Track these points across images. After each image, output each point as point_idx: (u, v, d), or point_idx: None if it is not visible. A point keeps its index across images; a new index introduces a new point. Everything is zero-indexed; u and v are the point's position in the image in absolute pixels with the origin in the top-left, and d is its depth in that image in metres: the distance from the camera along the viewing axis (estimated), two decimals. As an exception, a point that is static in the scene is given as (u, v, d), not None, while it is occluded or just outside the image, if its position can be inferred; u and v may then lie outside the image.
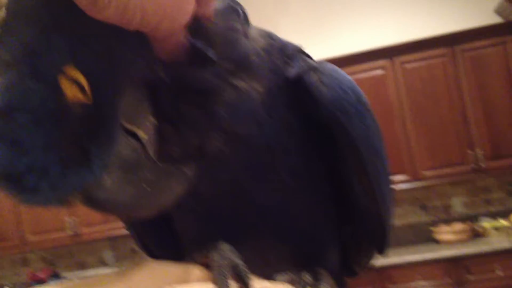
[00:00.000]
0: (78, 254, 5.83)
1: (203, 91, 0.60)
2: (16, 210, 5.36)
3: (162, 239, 0.86)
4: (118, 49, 0.49)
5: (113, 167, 0.50)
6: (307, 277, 0.66)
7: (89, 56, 0.47)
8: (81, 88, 0.47)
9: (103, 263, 5.72)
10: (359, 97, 0.70)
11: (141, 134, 0.54)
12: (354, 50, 4.87)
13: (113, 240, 5.73)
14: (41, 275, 5.50)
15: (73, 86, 0.46)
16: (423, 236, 5.04)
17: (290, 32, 4.68)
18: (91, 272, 5.62)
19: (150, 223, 0.83)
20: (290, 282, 0.65)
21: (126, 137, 0.52)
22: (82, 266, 5.81)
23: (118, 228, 5.28)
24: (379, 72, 4.84)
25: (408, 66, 4.84)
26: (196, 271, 0.61)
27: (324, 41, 5.15)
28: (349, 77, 0.72)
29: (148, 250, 0.90)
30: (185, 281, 0.58)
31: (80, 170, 0.46)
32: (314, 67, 0.69)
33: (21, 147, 0.43)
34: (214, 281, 0.57)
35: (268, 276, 0.63)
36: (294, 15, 5.31)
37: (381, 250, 0.81)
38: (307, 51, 0.75)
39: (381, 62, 4.84)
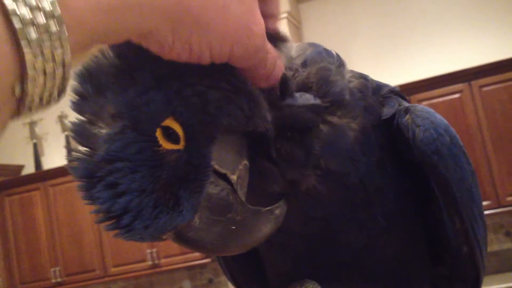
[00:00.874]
0: (157, 284, 5.93)
1: (301, 128, 0.63)
2: (99, 243, 5.53)
3: (251, 273, 0.87)
4: (213, 100, 0.54)
5: (202, 209, 0.54)
6: None
7: (185, 108, 0.52)
8: (176, 138, 0.52)
9: (181, 293, 5.80)
10: (453, 139, 0.69)
11: (231, 177, 0.57)
12: (430, 75, 4.80)
13: (191, 270, 5.80)
14: (123, 305, 5.63)
15: (169, 137, 0.51)
16: (508, 264, 4.84)
17: (362, 57, 4.67)
18: (170, 302, 5.70)
19: (241, 256, 0.84)
20: None
21: (217, 180, 0.56)
22: (162, 296, 5.91)
23: (196, 258, 5.36)
24: (456, 96, 4.74)
25: (486, 89, 4.72)
26: None
27: (399, 66, 5.10)
28: (443, 119, 0.71)
29: (236, 283, 0.91)
30: None
31: (171, 213, 0.51)
32: (407, 108, 0.69)
33: (119, 190, 0.48)
34: None
35: None
36: (366, 39, 5.29)
37: None
38: (381, 76, 0.75)
39: (458, 86, 4.75)
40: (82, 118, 0.51)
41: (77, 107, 0.51)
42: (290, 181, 0.64)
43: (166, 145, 0.51)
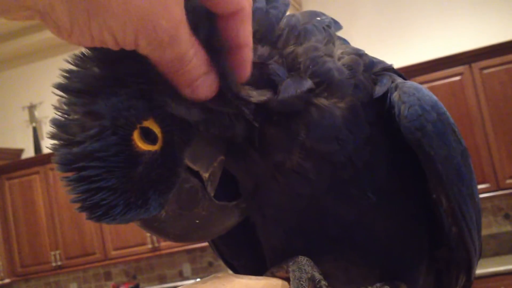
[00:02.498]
0: (158, 267, 5.97)
1: (287, 113, 0.62)
2: (99, 226, 5.55)
3: (239, 249, 0.87)
4: (194, 115, 0.55)
5: (170, 203, 0.57)
6: None
7: (166, 116, 0.54)
8: (154, 139, 0.54)
9: (181, 276, 5.83)
10: (441, 116, 0.68)
11: (203, 174, 0.59)
12: (430, 57, 4.78)
13: (191, 253, 5.84)
14: (123, 288, 5.68)
15: (147, 137, 0.54)
16: (507, 246, 4.87)
17: (362, 39, 4.65)
18: (170, 285, 5.74)
19: (227, 233, 0.85)
20: None
21: (189, 176, 0.58)
22: (162, 279, 5.95)
23: (186, 243, 5.37)
24: (457, 78, 4.73)
25: (487, 71, 4.70)
26: (272, 284, 0.63)
27: (399, 48, 5.08)
28: (433, 96, 0.70)
29: (224, 259, 0.91)
30: None
31: (139, 210, 0.54)
32: (396, 85, 0.68)
33: (92, 186, 0.52)
34: None
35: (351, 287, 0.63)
36: (366, 22, 5.27)
37: (469, 276, 0.79)
38: (381, 59, 0.74)
39: (459, 69, 4.73)
40: (65, 112, 0.53)
41: (63, 101, 0.53)
42: (274, 162, 0.64)
43: (143, 145, 0.54)
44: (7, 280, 5.92)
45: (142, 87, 0.53)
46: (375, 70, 0.70)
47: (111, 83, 0.52)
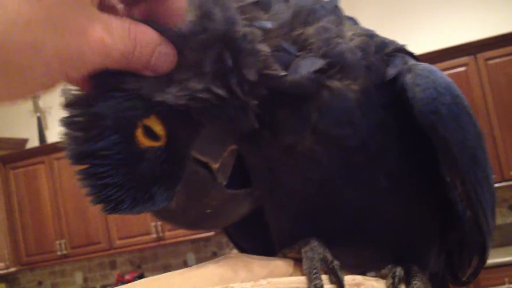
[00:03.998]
0: (162, 257, 5.99)
1: (299, 96, 0.61)
2: (104, 216, 5.56)
3: (249, 232, 0.87)
4: (196, 109, 0.55)
5: (179, 195, 0.57)
6: (399, 272, 0.64)
7: (168, 112, 0.54)
8: (157, 136, 0.55)
9: (186, 266, 5.85)
10: (456, 98, 0.67)
11: (212, 165, 0.59)
12: (435, 48, 4.75)
13: (195, 243, 5.86)
14: (128, 277, 5.70)
15: (150, 134, 0.54)
16: (511, 237, 4.87)
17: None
18: (174, 274, 5.75)
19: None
20: (382, 277, 0.65)
21: (197, 168, 0.58)
22: (167, 268, 5.97)
23: (200, 231, 5.40)
24: (461, 69, 4.71)
25: (492, 62, 4.68)
26: (283, 264, 0.64)
27: (403, 39, 5.00)
28: (447, 78, 0.68)
29: (234, 241, 0.91)
30: (275, 274, 0.61)
31: (146, 204, 0.56)
32: (410, 67, 0.66)
33: (100, 182, 0.53)
34: (306, 274, 0.60)
35: (359, 271, 0.64)
36: (370, 12, 5.23)
37: (483, 259, 0.78)
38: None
39: (464, 59, 4.71)
40: (70, 112, 0.54)
41: (68, 101, 0.54)
42: (285, 145, 0.64)
43: (147, 142, 0.54)
44: (12, 269, 5.95)
45: (134, 89, 0.53)
46: (387, 51, 0.69)
47: (107, 89, 0.53)
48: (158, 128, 0.54)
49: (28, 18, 0.40)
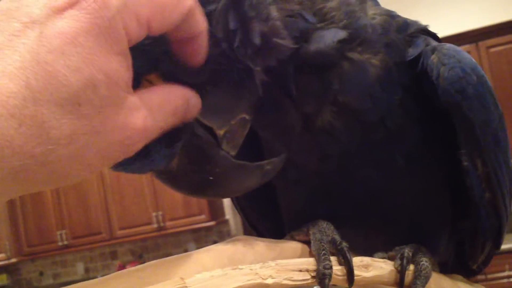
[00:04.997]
0: (163, 247, 6.01)
1: (320, 65, 0.61)
2: (105, 206, 5.58)
3: (264, 213, 0.87)
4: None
5: (181, 157, 0.56)
6: (407, 253, 0.64)
7: (168, 65, 0.53)
8: None
9: (187, 255, 5.86)
10: (481, 78, 0.66)
11: (217, 131, 0.58)
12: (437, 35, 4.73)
13: (196, 233, 5.87)
14: (129, 267, 5.71)
15: None
16: (511, 225, 4.88)
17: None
18: (176, 264, 5.78)
19: (253, 195, 0.83)
20: (390, 258, 0.65)
21: (201, 132, 0.57)
22: (168, 258, 5.99)
23: (201, 221, 5.42)
24: (463, 57, 4.69)
25: (493, 50, 4.67)
26: (292, 246, 0.64)
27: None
28: (472, 58, 0.68)
29: (248, 220, 0.91)
30: (284, 255, 0.61)
31: (143, 161, 0.54)
32: (434, 47, 0.66)
33: None
34: (314, 256, 0.59)
35: (367, 253, 0.63)
36: None
37: (497, 244, 0.78)
38: None
39: (465, 47, 4.69)
40: None
41: None
42: (305, 115, 0.63)
43: None
44: (13, 260, 5.97)
45: (145, 47, 0.51)
46: (410, 31, 0.69)
47: None
48: (157, 82, 0.53)
49: (69, 132, 0.39)
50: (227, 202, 5.77)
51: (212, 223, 5.46)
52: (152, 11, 0.43)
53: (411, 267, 0.64)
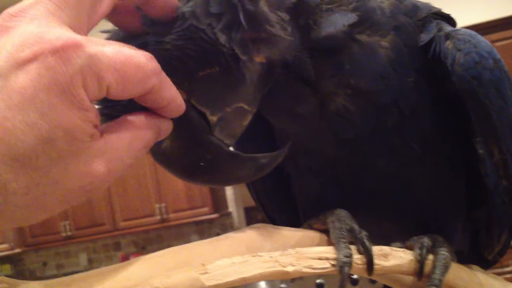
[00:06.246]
0: (166, 238, 6.02)
1: (330, 49, 0.61)
2: (109, 197, 5.59)
3: (280, 203, 0.87)
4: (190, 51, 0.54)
5: (174, 138, 0.56)
6: (426, 242, 0.64)
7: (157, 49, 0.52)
8: None
9: (190, 247, 5.88)
10: (498, 62, 0.64)
11: (210, 117, 0.57)
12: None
13: (199, 225, 5.88)
14: (132, 258, 5.73)
15: None
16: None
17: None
18: (178, 256, 5.80)
19: (269, 185, 0.84)
20: (408, 248, 0.65)
21: (195, 116, 0.57)
22: (171, 250, 6.00)
23: (204, 213, 5.42)
24: (468, 52, 4.68)
25: (498, 44, 4.64)
26: (309, 234, 0.64)
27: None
28: (487, 42, 0.66)
29: (265, 211, 0.91)
30: (302, 244, 0.61)
31: None
32: (448, 33, 0.65)
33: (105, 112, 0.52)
34: (334, 244, 0.59)
35: (380, 242, 0.62)
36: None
37: None
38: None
39: (470, 42, 4.68)
40: None
41: None
42: (320, 100, 0.63)
43: None
44: (17, 250, 5.98)
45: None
46: (420, 15, 0.68)
47: None
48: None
49: (27, 184, 0.39)
50: (230, 194, 5.77)
51: (215, 215, 5.46)
52: (114, 79, 0.42)
53: (430, 256, 0.63)
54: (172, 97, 0.49)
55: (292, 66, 0.60)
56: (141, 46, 0.49)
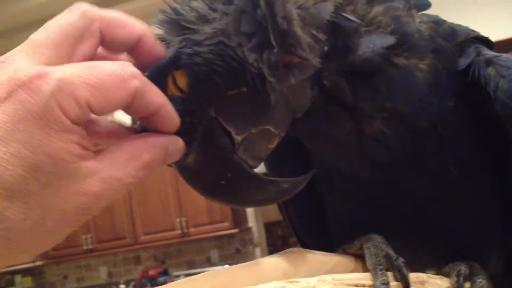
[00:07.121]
0: (186, 253, 6.03)
1: (366, 73, 0.60)
2: (130, 211, 5.62)
3: (312, 226, 0.86)
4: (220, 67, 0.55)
5: (199, 154, 0.56)
6: (464, 270, 0.62)
7: (190, 67, 0.54)
8: (181, 88, 0.55)
9: (209, 262, 5.88)
10: None
11: (235, 136, 0.57)
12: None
13: (219, 240, 5.88)
14: (152, 272, 5.74)
15: (176, 86, 0.55)
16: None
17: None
18: (198, 270, 5.79)
19: (302, 208, 0.83)
20: (444, 274, 0.63)
21: (220, 134, 0.57)
22: (190, 264, 6.00)
23: (224, 228, 5.42)
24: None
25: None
26: (345, 260, 0.63)
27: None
28: None
29: (298, 235, 0.90)
30: (336, 269, 0.60)
31: None
32: (489, 58, 0.64)
33: None
34: (370, 271, 0.58)
35: (414, 268, 0.61)
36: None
37: None
38: None
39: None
40: None
41: None
42: (355, 124, 0.62)
43: (174, 91, 0.54)
44: (39, 263, 6.04)
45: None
46: (459, 40, 0.67)
47: None
48: (182, 81, 0.54)
49: (23, 209, 0.41)
50: (250, 210, 5.76)
51: (235, 230, 5.45)
52: (91, 94, 0.43)
53: (467, 284, 0.62)
54: (161, 102, 0.49)
55: (328, 89, 0.59)
56: (175, 57, 0.52)
